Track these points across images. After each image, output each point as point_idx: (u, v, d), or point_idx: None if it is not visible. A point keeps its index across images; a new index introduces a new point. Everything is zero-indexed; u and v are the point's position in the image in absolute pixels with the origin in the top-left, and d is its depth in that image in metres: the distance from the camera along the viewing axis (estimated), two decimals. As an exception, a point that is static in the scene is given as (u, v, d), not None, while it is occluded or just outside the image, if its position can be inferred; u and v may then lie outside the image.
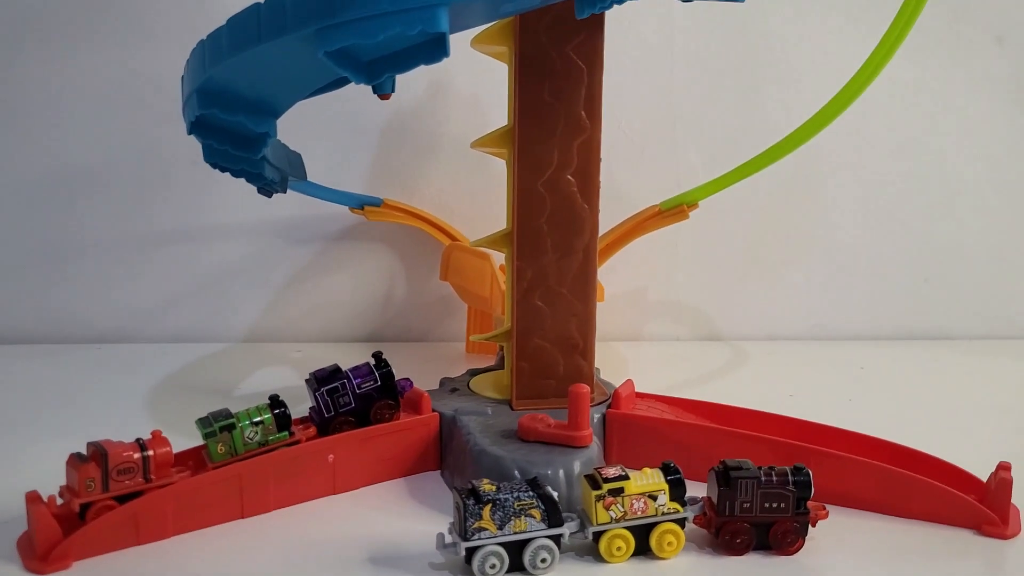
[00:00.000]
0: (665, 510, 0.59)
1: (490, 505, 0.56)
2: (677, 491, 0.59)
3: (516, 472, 0.63)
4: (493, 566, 0.56)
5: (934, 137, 1.12)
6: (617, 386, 0.75)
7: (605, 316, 0.79)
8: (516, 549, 0.57)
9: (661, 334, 1.15)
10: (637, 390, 0.76)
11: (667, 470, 0.60)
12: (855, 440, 0.69)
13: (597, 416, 0.71)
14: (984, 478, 0.65)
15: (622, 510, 0.58)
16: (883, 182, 1.13)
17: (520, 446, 0.66)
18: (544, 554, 0.57)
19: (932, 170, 1.13)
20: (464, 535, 0.56)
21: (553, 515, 0.57)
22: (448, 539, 0.57)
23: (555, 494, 0.58)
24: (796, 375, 1.00)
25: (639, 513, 0.59)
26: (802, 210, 1.13)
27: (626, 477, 0.59)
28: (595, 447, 0.66)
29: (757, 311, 1.15)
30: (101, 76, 1.06)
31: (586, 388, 0.66)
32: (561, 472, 0.63)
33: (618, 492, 0.58)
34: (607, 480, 0.59)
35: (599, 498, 0.58)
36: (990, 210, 1.14)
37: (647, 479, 0.59)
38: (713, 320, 1.15)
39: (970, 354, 1.09)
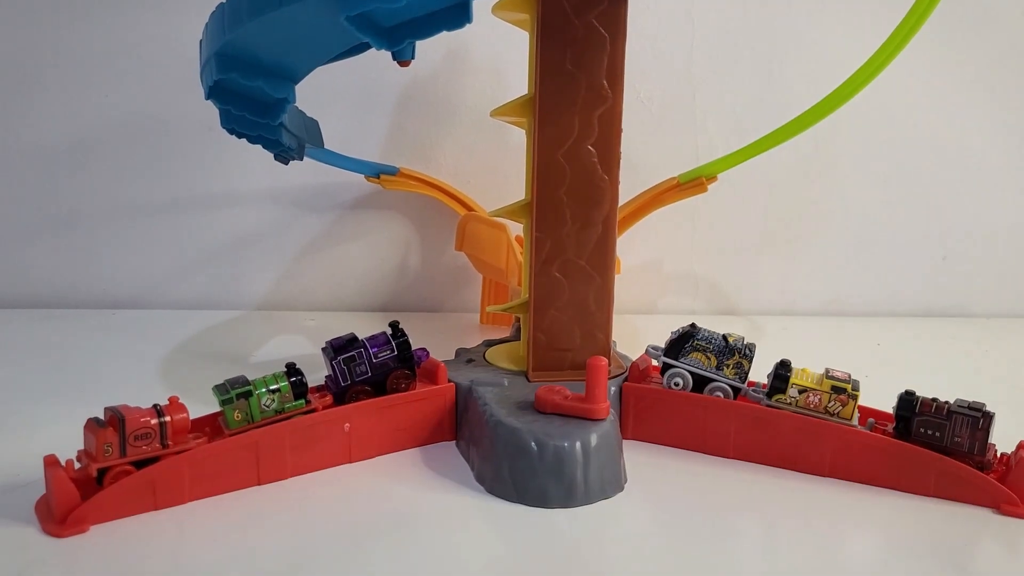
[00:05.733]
0: None
1: None
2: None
3: (532, 444, 0.62)
4: None
5: (955, 112, 1.11)
6: (633, 359, 0.75)
7: (621, 288, 0.79)
8: None
9: (677, 307, 1.14)
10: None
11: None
12: (872, 416, 0.69)
13: (614, 389, 0.71)
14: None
15: None
16: (903, 157, 1.12)
17: (537, 417, 0.66)
18: None
19: (952, 146, 1.12)
20: None
21: None
22: None
23: None
24: (812, 350, 0.99)
25: None
26: (821, 185, 1.12)
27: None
28: (612, 419, 0.66)
29: (774, 285, 1.15)
30: (115, 41, 1.06)
31: (604, 360, 0.65)
32: (578, 444, 0.63)
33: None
34: None
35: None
36: (1010, 187, 1.13)
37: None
38: (729, 294, 1.15)
39: (988, 332, 1.08)
